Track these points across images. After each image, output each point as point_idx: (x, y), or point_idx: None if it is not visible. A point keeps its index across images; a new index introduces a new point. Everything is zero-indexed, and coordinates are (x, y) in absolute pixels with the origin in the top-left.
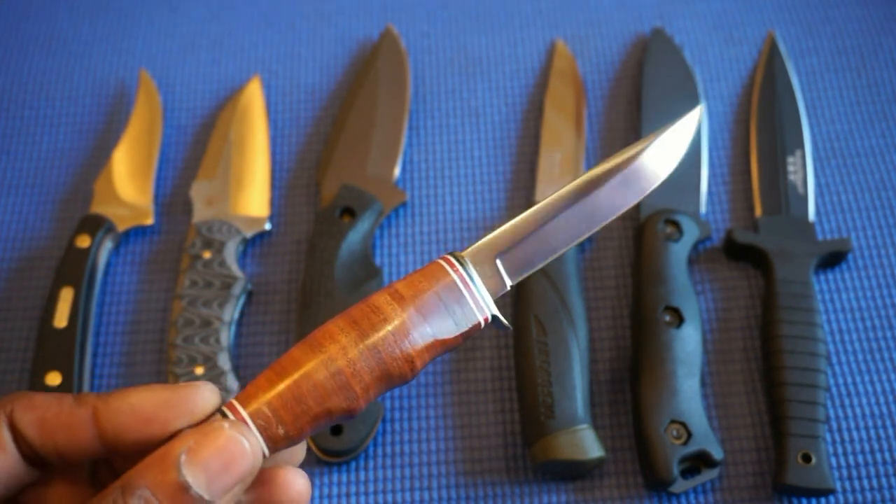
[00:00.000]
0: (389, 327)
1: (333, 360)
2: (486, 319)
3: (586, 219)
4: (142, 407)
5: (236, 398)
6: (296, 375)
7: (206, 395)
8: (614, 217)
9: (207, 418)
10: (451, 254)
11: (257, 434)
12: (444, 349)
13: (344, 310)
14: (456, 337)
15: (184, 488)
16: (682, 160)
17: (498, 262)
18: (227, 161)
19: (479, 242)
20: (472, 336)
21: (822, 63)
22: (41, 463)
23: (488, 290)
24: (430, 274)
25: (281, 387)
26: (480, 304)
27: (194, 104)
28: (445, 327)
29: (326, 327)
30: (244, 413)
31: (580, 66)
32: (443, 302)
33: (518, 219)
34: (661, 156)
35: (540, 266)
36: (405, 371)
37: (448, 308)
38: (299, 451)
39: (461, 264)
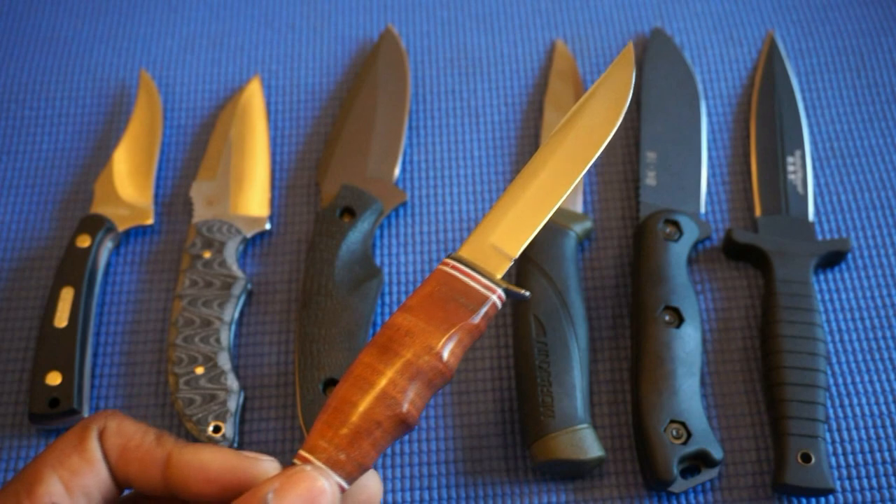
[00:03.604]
0: (418, 340)
1: (385, 391)
2: (500, 297)
3: (560, 177)
4: (210, 466)
5: (303, 449)
6: (354, 417)
7: (267, 468)
8: (585, 169)
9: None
10: (448, 256)
11: (333, 474)
12: (472, 338)
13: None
14: (478, 323)
15: None
16: (681, 160)
17: (494, 242)
18: (227, 161)
19: (471, 236)
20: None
21: (821, 63)
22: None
23: (493, 269)
24: (434, 279)
25: (344, 430)
26: (489, 286)
27: (194, 104)
28: (466, 319)
29: (363, 360)
30: (317, 462)
31: (580, 66)
32: (455, 298)
33: (498, 200)
34: (609, 98)
35: (536, 231)
36: (444, 372)
37: (461, 302)
38: (375, 486)
39: (458, 260)
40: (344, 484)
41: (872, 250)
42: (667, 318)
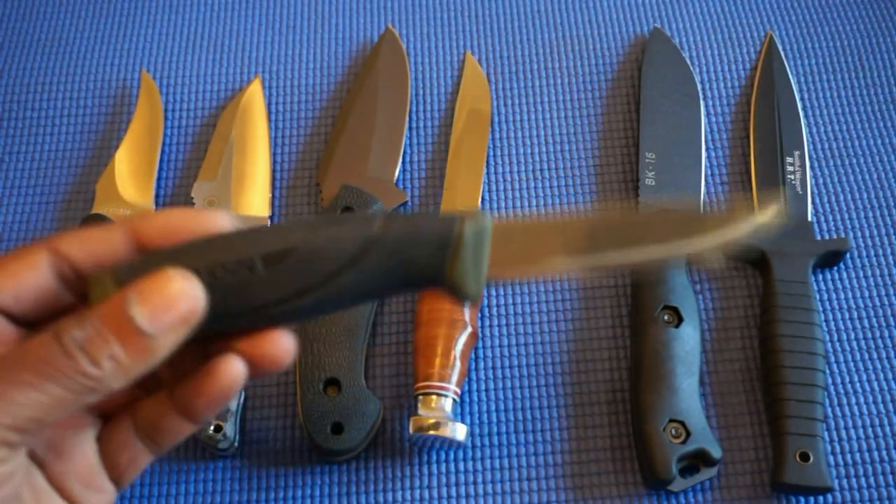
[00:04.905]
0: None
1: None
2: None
3: (473, 161)
4: (171, 220)
5: (418, 382)
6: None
7: (224, 220)
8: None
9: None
10: None
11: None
12: None
13: None
14: None
15: (130, 320)
16: (681, 160)
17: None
18: (228, 161)
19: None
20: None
21: (820, 64)
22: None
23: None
24: None
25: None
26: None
27: (195, 105)
28: None
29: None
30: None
31: (580, 66)
32: None
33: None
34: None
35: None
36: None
37: None
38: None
39: None
40: (457, 389)
41: (871, 250)
42: (666, 317)
